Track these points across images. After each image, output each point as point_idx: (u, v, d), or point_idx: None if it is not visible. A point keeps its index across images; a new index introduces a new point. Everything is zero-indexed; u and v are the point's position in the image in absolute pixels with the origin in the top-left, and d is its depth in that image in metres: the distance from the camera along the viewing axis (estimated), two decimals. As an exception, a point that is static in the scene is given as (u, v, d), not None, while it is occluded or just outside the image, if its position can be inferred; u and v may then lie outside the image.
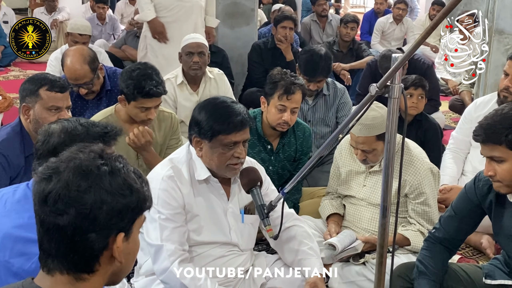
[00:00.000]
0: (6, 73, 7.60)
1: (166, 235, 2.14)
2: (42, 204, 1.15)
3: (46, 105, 2.53)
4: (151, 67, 2.99)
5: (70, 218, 1.13)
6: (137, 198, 1.19)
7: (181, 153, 2.31)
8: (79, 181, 1.14)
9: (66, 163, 1.17)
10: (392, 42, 8.08)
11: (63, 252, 1.15)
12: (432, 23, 1.41)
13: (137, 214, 1.21)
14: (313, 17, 7.61)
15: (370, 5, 12.04)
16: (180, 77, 3.96)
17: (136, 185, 1.20)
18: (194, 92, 3.99)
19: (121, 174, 1.18)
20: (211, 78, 4.05)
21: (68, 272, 1.17)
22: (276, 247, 2.44)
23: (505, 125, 1.94)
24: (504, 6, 4.21)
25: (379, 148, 2.65)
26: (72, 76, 3.40)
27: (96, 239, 1.15)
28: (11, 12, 8.72)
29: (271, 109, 3.05)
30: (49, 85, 2.53)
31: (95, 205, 1.14)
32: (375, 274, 1.77)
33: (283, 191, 1.93)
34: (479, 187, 2.18)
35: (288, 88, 2.99)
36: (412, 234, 2.69)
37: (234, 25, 5.54)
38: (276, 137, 3.18)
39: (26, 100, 2.55)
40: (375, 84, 1.56)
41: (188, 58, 3.90)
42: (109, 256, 1.18)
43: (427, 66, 4.79)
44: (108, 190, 1.15)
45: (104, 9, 8.12)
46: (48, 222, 1.15)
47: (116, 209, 1.16)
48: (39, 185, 1.17)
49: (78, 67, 3.38)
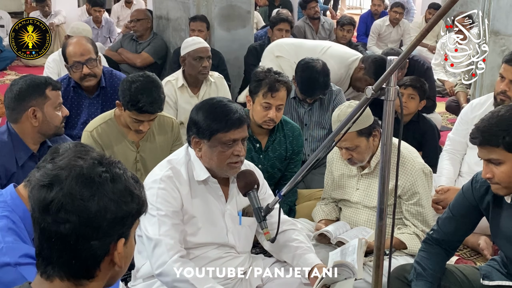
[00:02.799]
0: (2, 77, 7.59)
1: (165, 230, 2.14)
2: (43, 213, 1.14)
3: (54, 104, 2.63)
4: (153, 81, 2.90)
5: (73, 227, 1.12)
6: (137, 204, 1.20)
7: (179, 155, 2.32)
8: (82, 189, 1.14)
9: (67, 171, 1.16)
10: (389, 44, 8.08)
11: (65, 259, 1.15)
12: (428, 24, 1.42)
13: (135, 219, 1.22)
14: (306, 20, 7.61)
15: (367, 7, 12.06)
16: (180, 79, 4.01)
17: (136, 191, 1.20)
18: (194, 95, 4.04)
19: (122, 180, 1.18)
20: (212, 82, 4.11)
21: (69, 278, 1.17)
22: (272, 249, 2.44)
23: (502, 127, 1.94)
24: (500, 7, 4.21)
25: (362, 145, 2.65)
26: (78, 50, 3.41)
27: (98, 246, 1.15)
28: (7, 16, 8.71)
29: (256, 107, 3.06)
30: (52, 86, 2.64)
31: (99, 213, 1.13)
32: (372, 276, 1.77)
33: (280, 193, 1.93)
34: (477, 188, 2.18)
35: (272, 85, 3.00)
36: (408, 237, 2.69)
37: (230, 28, 5.54)
38: (265, 135, 3.18)
39: (32, 104, 2.58)
40: (370, 87, 1.56)
41: (197, 63, 3.97)
42: (109, 261, 1.18)
43: (427, 68, 4.80)
44: (111, 197, 1.15)
45: (100, 12, 8.11)
46: (49, 230, 1.14)
47: (119, 216, 1.16)
48: (39, 193, 1.15)
49: (84, 42, 3.47)
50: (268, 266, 2.42)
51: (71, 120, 3.50)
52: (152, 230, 2.15)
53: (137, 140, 3.03)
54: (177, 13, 5.85)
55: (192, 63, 3.97)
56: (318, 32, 7.53)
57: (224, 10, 5.48)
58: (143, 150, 3.04)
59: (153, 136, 3.08)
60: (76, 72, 3.42)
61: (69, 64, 3.45)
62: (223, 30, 5.50)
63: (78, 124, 3.50)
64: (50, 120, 2.62)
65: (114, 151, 2.95)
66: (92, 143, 2.90)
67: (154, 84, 2.88)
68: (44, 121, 2.61)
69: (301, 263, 2.32)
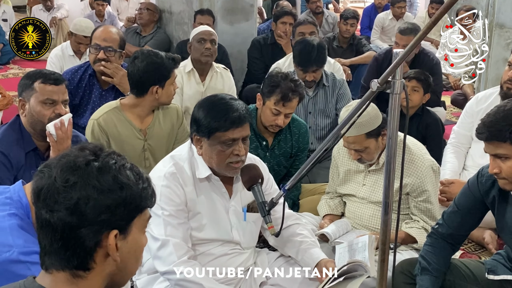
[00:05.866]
0: (5, 71, 7.59)
1: (171, 230, 2.14)
2: (36, 201, 1.17)
3: (41, 98, 2.49)
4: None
5: (59, 214, 1.14)
6: (129, 195, 1.18)
7: (183, 150, 2.30)
8: (67, 176, 1.15)
9: (58, 160, 1.18)
10: (392, 37, 8.03)
11: (56, 248, 1.16)
12: (433, 18, 1.40)
13: (133, 212, 1.20)
14: (309, 14, 7.58)
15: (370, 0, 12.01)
16: (189, 65, 4.09)
17: (128, 181, 1.18)
18: (201, 82, 4.10)
19: (112, 170, 1.18)
20: (217, 72, 4.16)
21: (64, 269, 1.17)
22: (277, 244, 2.43)
23: (508, 122, 1.93)
24: (505, 0, 4.20)
25: (371, 146, 2.64)
26: (102, 35, 3.44)
27: (86, 235, 1.15)
28: (10, 10, 8.70)
29: (265, 110, 3.04)
30: (43, 78, 2.50)
31: (81, 200, 1.14)
32: (377, 271, 1.76)
33: (284, 188, 1.92)
34: (482, 182, 2.17)
35: (286, 95, 2.96)
36: (417, 232, 2.68)
37: (233, 21, 5.52)
38: (271, 133, 3.17)
39: (22, 95, 2.52)
40: (376, 80, 1.55)
41: (200, 45, 4.05)
42: (104, 254, 1.18)
43: (435, 63, 4.76)
44: (95, 185, 1.15)
45: (103, 6, 8.10)
46: (41, 218, 1.16)
47: (104, 204, 1.15)
48: (35, 183, 1.18)
49: (113, 31, 3.50)
50: (273, 261, 2.41)
51: (80, 108, 3.51)
52: (157, 230, 2.14)
53: (143, 128, 3.02)
54: (180, 6, 5.84)
55: (196, 45, 4.07)
56: (322, 26, 7.51)
57: (227, 3, 5.46)
58: (150, 138, 3.02)
59: (159, 124, 3.06)
60: (93, 53, 3.45)
61: (91, 44, 3.48)
62: (226, 23, 5.49)
63: (86, 113, 3.48)
64: (34, 114, 2.49)
65: (122, 139, 2.94)
66: (98, 132, 2.89)
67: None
68: (29, 114, 2.50)
69: (306, 258, 2.31)
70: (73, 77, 3.49)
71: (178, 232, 2.14)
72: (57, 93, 2.52)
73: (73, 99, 3.41)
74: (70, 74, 3.51)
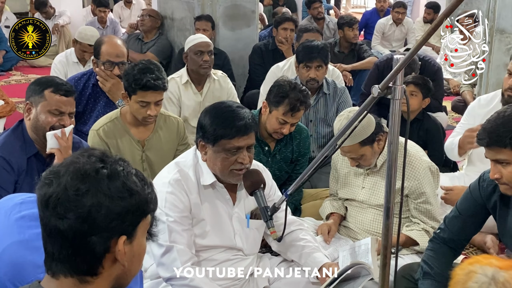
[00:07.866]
0: (8, 78, 7.61)
1: (175, 236, 2.15)
2: (44, 209, 1.16)
3: (49, 107, 2.51)
4: (155, 64, 2.98)
5: (70, 222, 1.14)
6: (137, 201, 1.19)
7: (187, 157, 2.31)
8: (78, 184, 1.15)
9: (66, 167, 1.18)
10: (393, 43, 8.09)
11: (66, 255, 1.16)
12: (434, 24, 1.41)
13: (139, 217, 1.21)
14: (310, 20, 7.61)
15: (371, 5, 12.04)
16: (185, 76, 4.03)
17: (136, 187, 1.19)
18: (198, 92, 4.05)
19: (121, 177, 1.18)
20: (215, 79, 4.11)
21: (72, 275, 1.17)
22: (280, 249, 2.44)
23: (508, 128, 1.93)
24: (505, 6, 4.21)
25: (367, 153, 2.65)
26: (114, 51, 3.47)
27: (97, 242, 1.15)
28: (13, 16, 8.72)
29: (272, 119, 3.04)
30: (54, 87, 2.51)
31: (93, 208, 1.14)
32: (379, 275, 1.77)
33: (286, 192, 1.93)
34: (484, 187, 2.17)
35: (295, 106, 2.97)
36: (418, 234, 2.69)
37: (235, 27, 5.54)
38: (274, 139, 3.18)
39: (30, 99, 2.54)
40: (377, 86, 1.56)
41: (197, 57, 3.99)
42: (112, 259, 1.19)
43: (437, 69, 4.77)
44: (106, 193, 1.15)
45: (105, 13, 8.13)
46: (50, 226, 1.16)
47: (115, 212, 1.16)
48: (41, 190, 1.18)
49: (120, 43, 3.54)
50: (275, 266, 2.42)
51: (84, 116, 3.53)
52: (162, 237, 2.14)
53: (142, 139, 3.03)
54: (182, 13, 5.86)
55: (193, 57, 4.00)
56: (323, 32, 7.53)
57: (228, 9, 5.48)
58: (148, 149, 3.04)
59: (159, 134, 3.08)
60: (107, 70, 3.46)
61: (101, 60, 3.47)
62: (227, 29, 5.51)
63: (90, 121, 3.50)
64: (39, 120, 2.51)
65: (120, 149, 2.96)
66: (98, 142, 2.91)
67: (156, 66, 2.96)
68: (34, 119, 2.52)
69: (309, 262, 2.32)
70: (77, 85, 3.50)
71: (183, 239, 2.15)
72: (65, 105, 2.54)
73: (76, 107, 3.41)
74: (73, 81, 3.53)
